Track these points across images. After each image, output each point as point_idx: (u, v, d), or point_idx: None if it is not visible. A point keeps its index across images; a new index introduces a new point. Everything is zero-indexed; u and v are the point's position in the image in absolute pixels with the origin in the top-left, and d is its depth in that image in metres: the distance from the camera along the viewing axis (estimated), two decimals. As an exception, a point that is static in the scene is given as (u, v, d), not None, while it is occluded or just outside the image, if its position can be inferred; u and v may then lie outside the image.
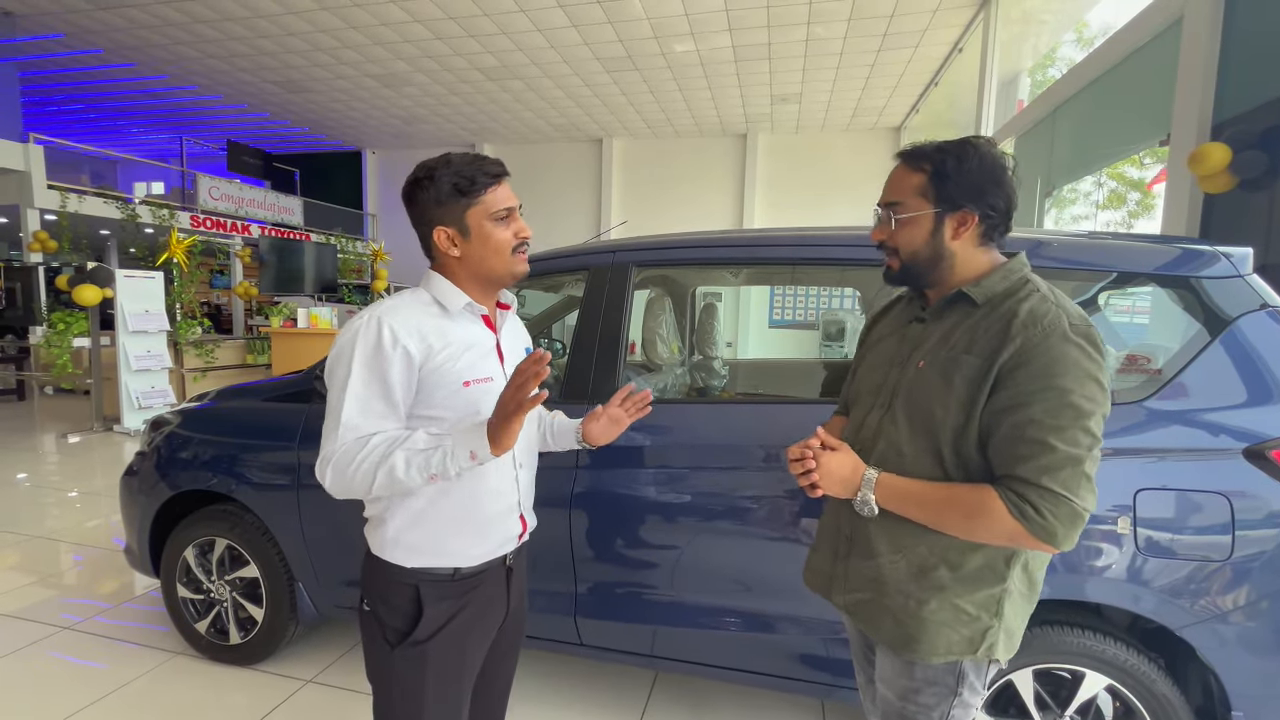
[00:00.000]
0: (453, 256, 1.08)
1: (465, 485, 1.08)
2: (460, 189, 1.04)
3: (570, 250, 2.07)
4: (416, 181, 1.07)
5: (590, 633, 1.85)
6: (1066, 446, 0.86)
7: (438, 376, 1.04)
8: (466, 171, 1.04)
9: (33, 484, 4.52)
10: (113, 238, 10.64)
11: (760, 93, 8.62)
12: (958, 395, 0.95)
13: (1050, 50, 7.09)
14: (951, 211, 0.99)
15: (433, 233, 1.07)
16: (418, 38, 7.35)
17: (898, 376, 1.06)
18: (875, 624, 1.08)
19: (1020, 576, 1.00)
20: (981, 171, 0.97)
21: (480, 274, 1.10)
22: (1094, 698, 1.48)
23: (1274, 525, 1.33)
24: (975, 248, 1.01)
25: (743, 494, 1.67)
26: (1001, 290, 0.98)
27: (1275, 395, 1.36)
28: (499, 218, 1.07)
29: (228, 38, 7.60)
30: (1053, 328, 0.89)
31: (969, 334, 0.97)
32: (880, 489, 0.99)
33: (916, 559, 1.01)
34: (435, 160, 1.07)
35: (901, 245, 1.04)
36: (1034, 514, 0.87)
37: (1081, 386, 0.87)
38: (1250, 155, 2.73)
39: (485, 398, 1.08)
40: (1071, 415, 0.87)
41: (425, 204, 1.06)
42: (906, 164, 1.03)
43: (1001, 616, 0.99)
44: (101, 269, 6.27)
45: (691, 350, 3.12)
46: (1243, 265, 1.43)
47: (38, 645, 2.39)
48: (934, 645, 1.00)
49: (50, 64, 8.88)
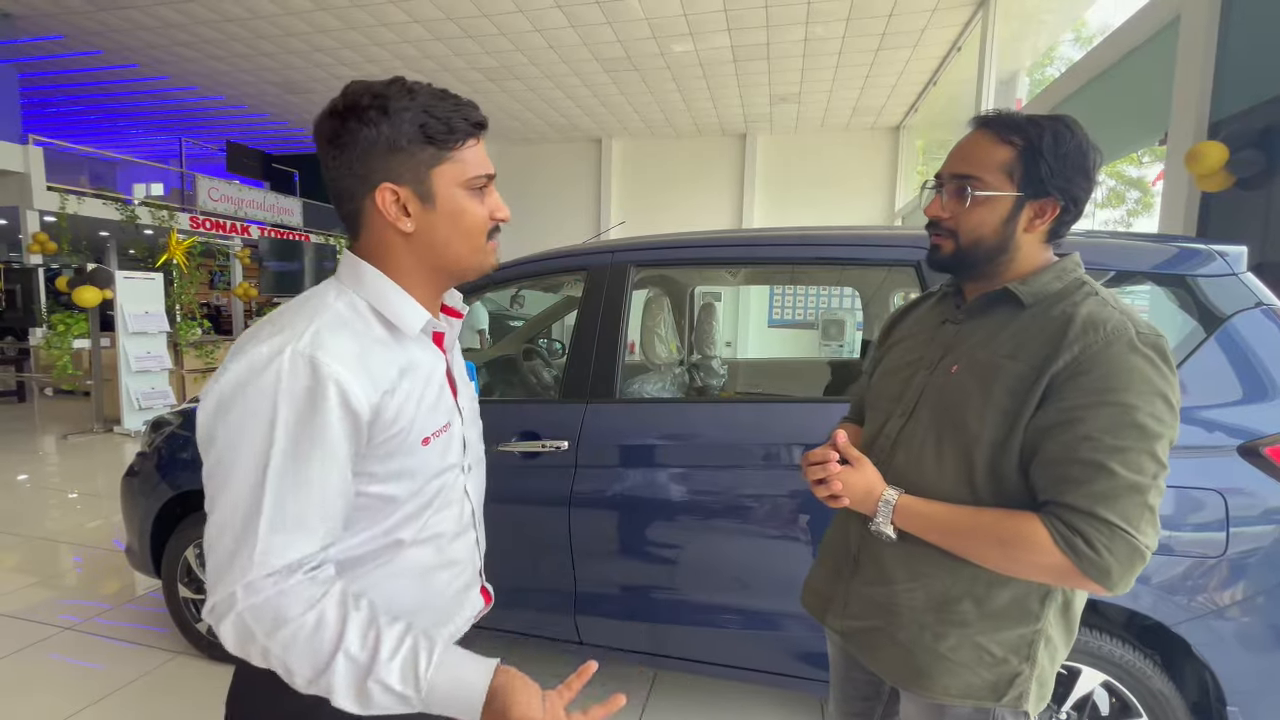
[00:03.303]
0: (400, 233, 0.73)
1: (415, 561, 0.78)
2: (430, 134, 0.71)
3: (569, 250, 2.08)
4: (355, 110, 0.69)
5: (590, 631, 1.86)
6: (1128, 473, 0.74)
7: (393, 439, 0.72)
8: (439, 110, 0.71)
9: (34, 485, 4.52)
10: (112, 239, 10.66)
11: (759, 93, 8.62)
12: (998, 405, 0.82)
13: (1049, 49, 7.10)
14: (1035, 198, 0.84)
15: (374, 193, 0.71)
16: (417, 38, 7.35)
17: (924, 381, 0.93)
18: (875, 654, 0.96)
19: (1057, 618, 0.88)
20: (1076, 156, 0.82)
21: (439, 264, 0.76)
22: (1090, 694, 1.49)
23: (1269, 522, 1.33)
24: (1041, 242, 0.88)
25: (741, 493, 1.68)
26: (1054, 291, 0.85)
27: (1270, 392, 1.37)
28: (476, 186, 0.75)
29: (228, 38, 7.61)
30: (1117, 335, 0.77)
31: (1015, 338, 0.84)
32: (900, 513, 0.87)
33: (938, 589, 0.89)
34: (384, 84, 0.71)
35: (967, 227, 0.87)
36: (1085, 548, 0.74)
37: (1149, 404, 0.75)
38: (1247, 154, 2.74)
39: (445, 455, 0.80)
40: (1136, 436, 0.74)
41: (366, 147, 0.70)
42: (993, 132, 0.85)
43: (1034, 663, 0.87)
44: (101, 270, 6.28)
45: (690, 350, 3.13)
46: (1237, 263, 1.44)
47: (39, 646, 2.40)
48: (948, 685, 0.88)
49: (50, 65, 8.89)
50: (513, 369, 3.04)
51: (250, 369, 0.66)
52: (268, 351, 0.66)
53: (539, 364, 3.04)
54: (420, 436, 0.75)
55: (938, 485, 0.88)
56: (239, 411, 0.65)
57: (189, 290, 7.56)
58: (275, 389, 0.65)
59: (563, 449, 1.80)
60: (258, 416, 0.65)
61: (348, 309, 0.73)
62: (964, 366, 0.88)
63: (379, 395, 0.70)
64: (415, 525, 0.78)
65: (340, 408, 0.67)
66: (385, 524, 0.75)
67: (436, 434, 0.78)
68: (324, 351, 0.66)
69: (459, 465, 0.84)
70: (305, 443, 0.65)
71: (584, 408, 1.83)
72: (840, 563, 1.03)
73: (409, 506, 0.76)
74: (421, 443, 0.76)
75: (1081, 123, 0.85)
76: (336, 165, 0.72)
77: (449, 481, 0.82)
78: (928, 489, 0.89)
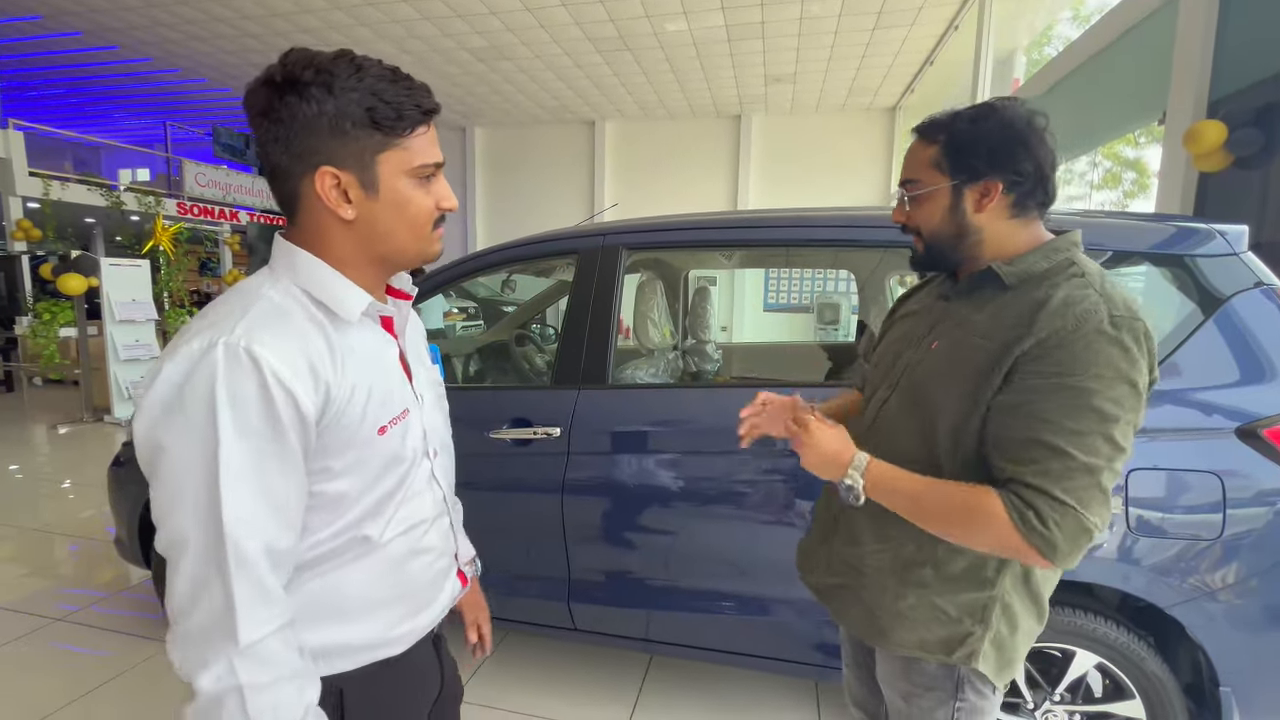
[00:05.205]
0: (340, 220, 0.69)
1: (387, 554, 0.76)
2: (377, 120, 0.66)
3: (558, 234, 2.04)
4: (295, 84, 0.64)
5: (584, 617, 1.85)
6: (1083, 455, 0.77)
7: (342, 432, 0.68)
8: (389, 94, 0.66)
9: (25, 475, 4.48)
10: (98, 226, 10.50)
11: (754, 73, 8.50)
12: (963, 384, 0.87)
13: (1047, 28, 7.01)
14: (972, 182, 0.88)
15: (313, 175, 0.67)
16: (404, 18, 7.20)
17: (910, 357, 0.99)
18: (843, 610, 1.05)
19: (1016, 588, 0.93)
20: (1002, 133, 0.86)
21: (381, 252, 0.72)
22: (1084, 676, 1.49)
23: (1264, 504, 1.33)
24: (1007, 221, 0.90)
25: (735, 478, 1.66)
26: (1040, 272, 0.87)
27: (1268, 374, 1.35)
28: (423, 175, 0.71)
29: (210, 19, 7.43)
30: (1086, 318, 0.79)
31: (992, 318, 0.87)
32: (870, 476, 0.90)
33: (903, 554, 0.96)
34: (329, 58, 0.65)
35: (923, 225, 0.94)
36: (1036, 522, 0.77)
37: (1110, 389, 0.77)
38: (1246, 133, 2.71)
39: (405, 442, 0.76)
40: (1094, 420, 0.77)
41: (304, 125, 0.65)
42: (921, 137, 0.93)
43: (988, 625, 0.92)
44: (86, 257, 6.18)
45: (684, 334, 3.11)
46: (1238, 243, 1.42)
47: (34, 635, 2.39)
48: (903, 638, 0.96)
49: (28, 47, 8.67)
50: (505, 355, 3.01)
51: (178, 363, 0.61)
52: (199, 346, 0.61)
53: (532, 350, 3.01)
54: (375, 426, 0.72)
55: (907, 451, 0.93)
56: (180, 416, 0.60)
57: (177, 277, 7.48)
58: (211, 386, 0.60)
59: (554, 436, 1.78)
60: (195, 408, 0.60)
61: (282, 297, 0.68)
62: (942, 343, 0.93)
63: (323, 389, 0.66)
64: (381, 519, 0.75)
65: (286, 404, 0.62)
66: (346, 518, 0.72)
67: (394, 421, 0.74)
68: (258, 343, 0.62)
69: (423, 451, 0.81)
70: (258, 437, 0.62)
71: (576, 393, 1.81)
72: (826, 526, 1.10)
73: (368, 500, 0.73)
74: (377, 432, 0.72)
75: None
76: (269, 140, 0.67)
77: (412, 471, 0.78)
78: (897, 453, 0.93)
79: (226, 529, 0.60)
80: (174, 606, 0.62)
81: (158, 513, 0.63)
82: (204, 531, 0.61)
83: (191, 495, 0.61)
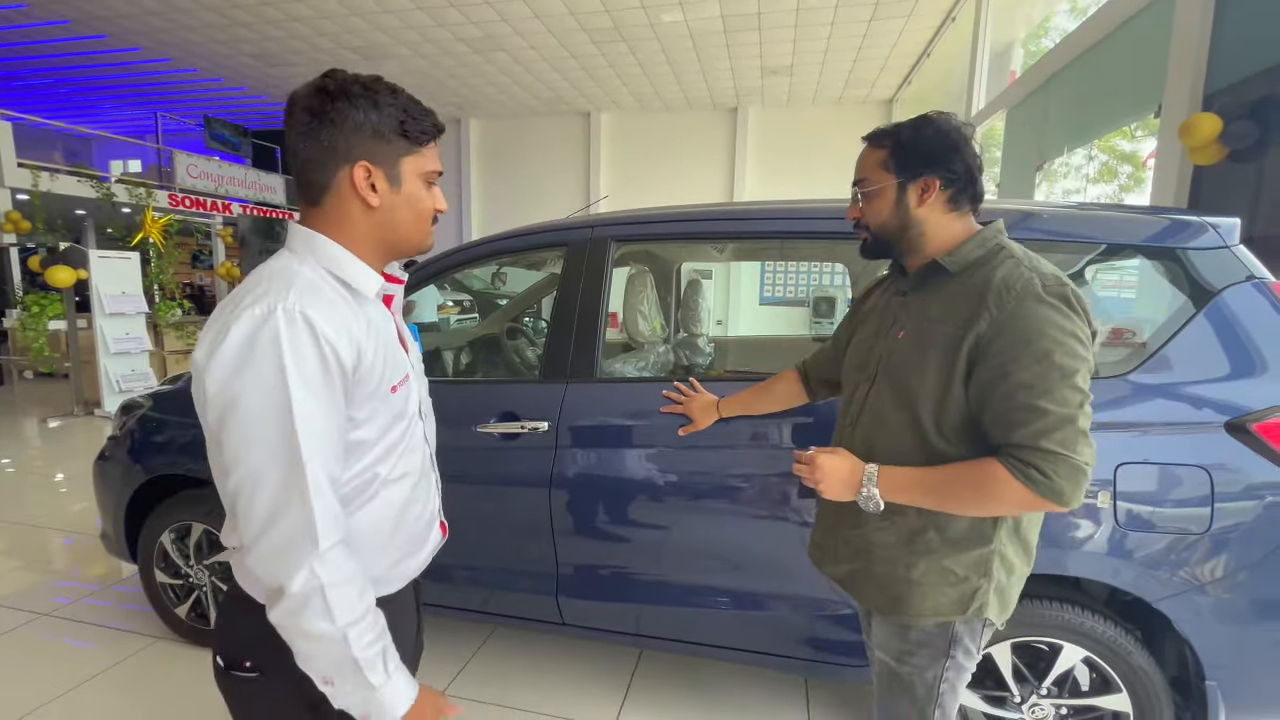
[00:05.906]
0: (365, 206, 0.83)
1: (391, 496, 0.91)
2: (407, 130, 0.83)
3: (546, 226, 2.02)
4: (347, 94, 0.79)
5: (572, 612, 1.84)
6: (1058, 407, 0.88)
7: (366, 386, 0.82)
8: (416, 112, 0.84)
9: (15, 469, 4.46)
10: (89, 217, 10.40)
11: (750, 65, 8.44)
12: (932, 364, 0.98)
13: (1044, 20, 6.97)
14: (913, 179, 1.03)
15: (351, 168, 0.81)
16: (398, 8, 7.11)
17: (881, 350, 1.09)
18: (862, 591, 1.12)
19: (1010, 538, 1.03)
20: (938, 139, 1.01)
21: (390, 239, 0.87)
22: (1071, 669, 1.49)
23: (1252, 498, 1.32)
24: (944, 214, 1.04)
25: (727, 472, 1.65)
26: (976, 258, 1.00)
27: (1259, 367, 1.34)
28: (430, 180, 0.89)
29: (200, 7, 7.32)
30: (1025, 291, 0.92)
31: (945, 303, 1.00)
32: (882, 483, 1.00)
33: (906, 525, 1.04)
34: (372, 79, 0.82)
35: (870, 218, 1.09)
36: (1039, 475, 0.88)
37: (1062, 345, 0.89)
38: (1241, 126, 2.70)
39: (407, 402, 0.92)
40: (1058, 375, 0.89)
41: (352, 128, 0.80)
42: (870, 144, 1.09)
43: (991, 577, 1.02)
44: (74, 249, 6.11)
45: (676, 328, 3.09)
46: (1230, 236, 1.41)
47: (25, 629, 2.37)
48: (921, 606, 1.04)
49: (15, 35, 8.55)
50: (497, 348, 2.99)
51: (244, 324, 0.73)
52: (261, 311, 0.73)
53: (523, 343, 2.99)
54: (389, 385, 0.87)
55: (895, 442, 1.04)
56: (252, 371, 0.72)
57: (167, 270, 7.41)
58: (278, 344, 0.72)
59: (542, 430, 1.77)
60: (263, 363, 0.72)
61: (312, 273, 0.81)
62: (908, 331, 1.05)
63: (356, 349, 0.80)
64: (389, 462, 0.89)
65: (334, 360, 0.76)
66: (366, 460, 0.86)
67: (399, 384, 0.89)
68: (310, 309, 0.75)
69: (417, 413, 0.97)
70: (322, 389, 0.75)
71: (564, 387, 1.79)
72: (830, 517, 1.18)
73: (380, 446, 0.87)
74: (391, 390, 0.87)
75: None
76: (312, 135, 0.80)
77: (411, 427, 0.94)
78: (887, 446, 1.04)
79: (304, 459, 0.73)
80: (252, 531, 0.74)
81: (226, 460, 0.74)
82: (282, 464, 0.73)
83: (268, 436, 0.73)
